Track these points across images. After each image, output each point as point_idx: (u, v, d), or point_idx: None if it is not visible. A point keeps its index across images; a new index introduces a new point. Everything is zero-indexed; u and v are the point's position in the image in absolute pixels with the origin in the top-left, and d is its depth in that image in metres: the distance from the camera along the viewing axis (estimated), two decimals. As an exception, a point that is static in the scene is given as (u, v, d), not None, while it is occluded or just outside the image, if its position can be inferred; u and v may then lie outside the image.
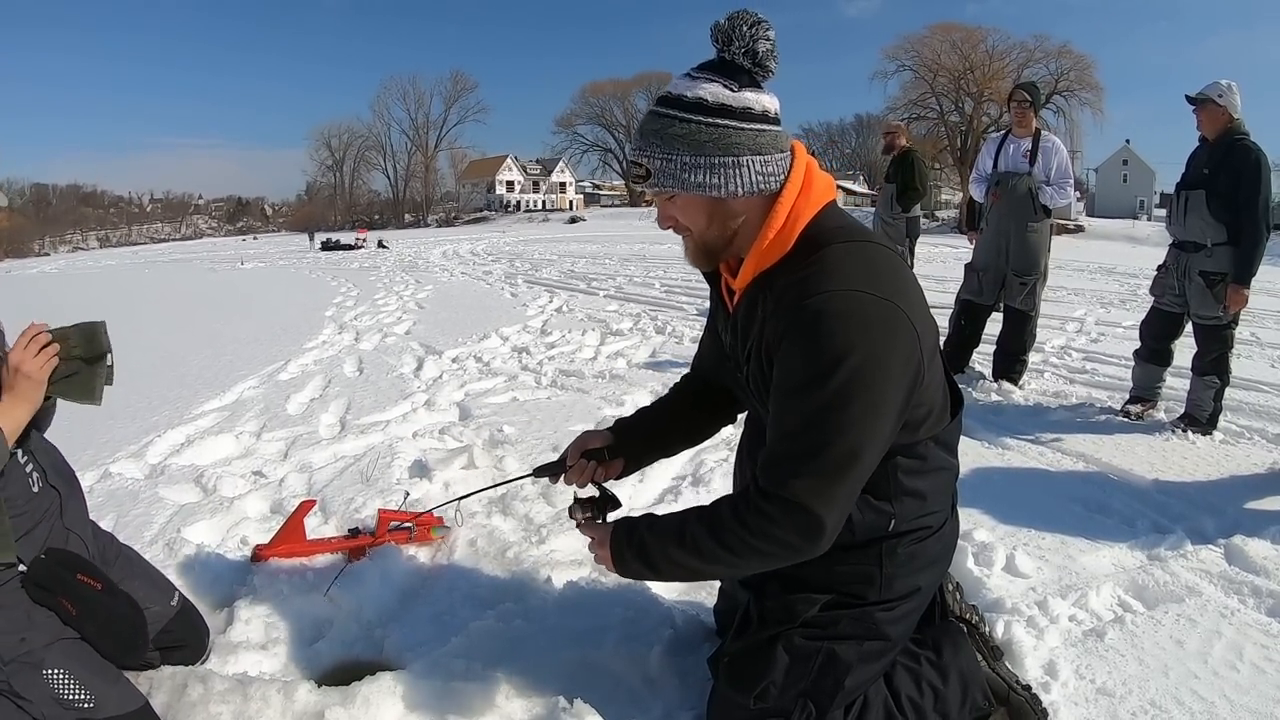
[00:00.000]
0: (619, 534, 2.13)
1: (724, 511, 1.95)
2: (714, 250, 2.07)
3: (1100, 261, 19.30)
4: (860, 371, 1.77)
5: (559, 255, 26.76)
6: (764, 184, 1.94)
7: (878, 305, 1.81)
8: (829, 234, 1.94)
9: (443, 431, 5.49)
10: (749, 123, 1.91)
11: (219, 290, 19.93)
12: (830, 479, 1.83)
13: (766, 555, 1.91)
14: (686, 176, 1.91)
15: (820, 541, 1.88)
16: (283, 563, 3.43)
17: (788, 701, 2.14)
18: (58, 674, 2.22)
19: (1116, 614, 3.07)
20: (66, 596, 2.30)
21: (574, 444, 2.52)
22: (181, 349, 9.62)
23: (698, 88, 1.89)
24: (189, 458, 5.19)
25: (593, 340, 9.23)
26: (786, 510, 1.84)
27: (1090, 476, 4.54)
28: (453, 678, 2.53)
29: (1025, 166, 6.46)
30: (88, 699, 2.24)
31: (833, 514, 1.85)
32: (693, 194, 1.94)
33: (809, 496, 1.82)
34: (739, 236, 2.02)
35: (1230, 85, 5.13)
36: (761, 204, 1.97)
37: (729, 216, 1.99)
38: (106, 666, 2.35)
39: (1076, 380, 6.81)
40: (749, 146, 1.91)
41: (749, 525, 1.88)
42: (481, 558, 3.52)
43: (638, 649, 2.72)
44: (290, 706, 2.40)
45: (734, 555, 1.93)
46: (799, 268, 1.91)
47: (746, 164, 1.91)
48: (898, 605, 2.20)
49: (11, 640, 2.20)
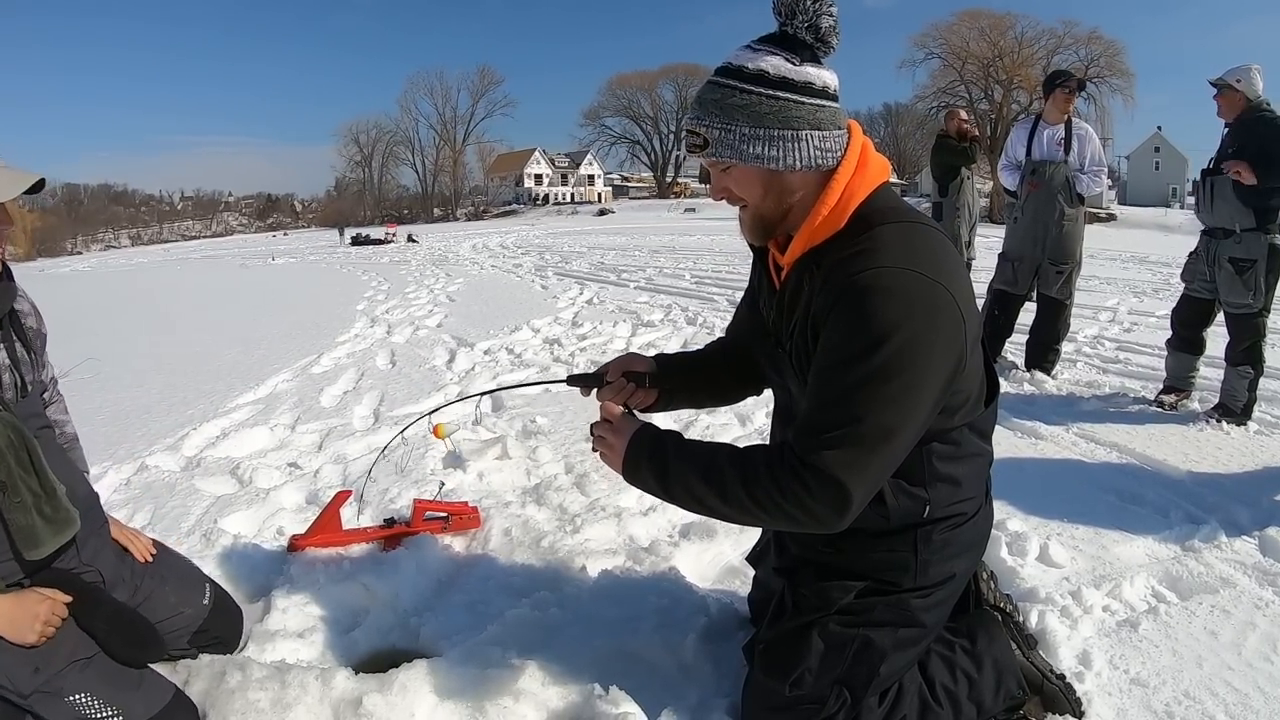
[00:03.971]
0: (641, 441, 2.10)
1: (759, 466, 1.92)
2: (770, 224, 2.05)
3: (1132, 250, 19.05)
4: (904, 350, 1.77)
5: (588, 247, 26.69)
6: (821, 159, 1.94)
7: (928, 286, 1.81)
8: (882, 214, 1.94)
9: (476, 423, 5.51)
10: (809, 97, 1.90)
11: (251, 286, 20.09)
12: (864, 454, 1.81)
13: (790, 518, 1.88)
14: (745, 148, 1.91)
15: (846, 516, 1.85)
16: (319, 552, 3.46)
17: (823, 688, 2.14)
18: (81, 698, 2.21)
19: (1150, 604, 3.05)
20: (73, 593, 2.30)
21: (616, 361, 2.49)
22: (215, 344, 9.71)
23: (759, 59, 1.89)
24: (224, 450, 5.24)
25: (624, 331, 9.23)
26: (821, 481, 1.81)
27: (1124, 467, 4.51)
28: (488, 665, 2.54)
29: (1060, 155, 6.39)
30: (115, 712, 2.24)
31: (861, 490, 1.83)
32: (750, 165, 1.93)
33: (841, 469, 1.80)
34: (793, 211, 2.01)
35: (1251, 69, 5.07)
36: (817, 180, 1.97)
37: (785, 191, 1.98)
38: (127, 673, 2.33)
39: (1109, 370, 6.74)
40: (808, 121, 1.90)
41: (782, 487, 1.85)
42: (516, 547, 3.53)
43: (673, 637, 2.73)
44: (328, 693, 2.42)
45: (760, 509, 1.91)
46: (850, 245, 1.89)
47: (805, 138, 1.91)
48: (933, 592, 2.20)
49: (25, 673, 2.16)
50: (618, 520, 3.77)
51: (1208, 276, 5.36)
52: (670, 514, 3.86)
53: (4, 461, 2.14)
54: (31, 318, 2.50)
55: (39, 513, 2.21)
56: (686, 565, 3.35)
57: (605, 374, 2.47)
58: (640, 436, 2.11)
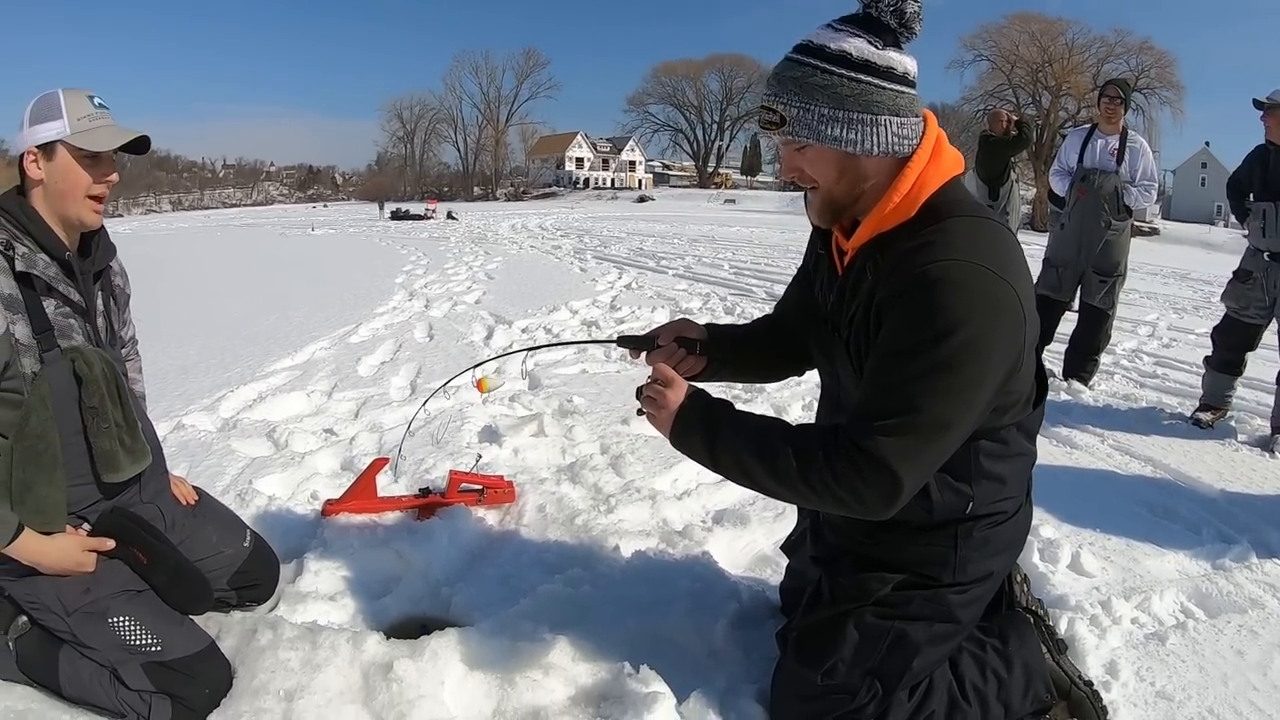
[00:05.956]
0: (693, 407, 2.08)
1: (814, 447, 1.90)
2: (839, 207, 2.03)
3: (1174, 266, 18.87)
4: (969, 345, 1.77)
5: (627, 233, 26.69)
6: (898, 146, 1.93)
7: (996, 283, 1.80)
8: (952, 206, 1.93)
9: (512, 399, 5.53)
10: (890, 82, 1.89)
11: (290, 255, 20.26)
12: (919, 444, 1.81)
13: (839, 502, 1.87)
14: (823, 129, 1.89)
15: (894, 505, 1.85)
16: (353, 518, 3.49)
17: (855, 679, 2.13)
18: (123, 620, 2.32)
19: (1178, 620, 3.03)
20: (138, 546, 2.41)
21: (669, 326, 2.49)
22: (253, 310, 9.80)
23: (842, 41, 1.87)
24: (261, 413, 5.29)
25: (661, 317, 9.16)
26: (874, 467, 1.80)
27: (1157, 481, 4.46)
28: (519, 638, 2.54)
29: (1112, 165, 6.32)
30: (155, 642, 2.32)
31: (912, 479, 1.83)
32: (827, 146, 1.92)
33: (895, 457, 1.79)
34: (864, 197, 1.99)
35: None
36: (891, 167, 1.96)
37: (859, 176, 1.96)
38: (171, 612, 2.44)
39: (1147, 384, 6.67)
40: (888, 106, 1.89)
41: (836, 470, 1.84)
42: (550, 524, 3.54)
43: (703, 621, 2.73)
44: (358, 656, 2.44)
45: (809, 489, 1.90)
46: (918, 235, 1.89)
47: (884, 124, 1.90)
48: (970, 588, 2.19)
49: (75, 591, 2.31)
50: (652, 503, 3.77)
51: (1266, 303, 5.24)
52: (704, 499, 3.87)
53: (99, 389, 2.31)
54: (119, 276, 2.67)
55: (120, 441, 2.38)
56: (719, 551, 3.35)
57: (657, 337, 2.47)
58: (692, 402, 2.09)
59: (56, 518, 2.28)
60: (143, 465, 2.46)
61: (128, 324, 2.77)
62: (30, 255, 2.24)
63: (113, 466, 2.37)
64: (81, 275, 2.38)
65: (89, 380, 2.29)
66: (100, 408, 2.32)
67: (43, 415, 2.22)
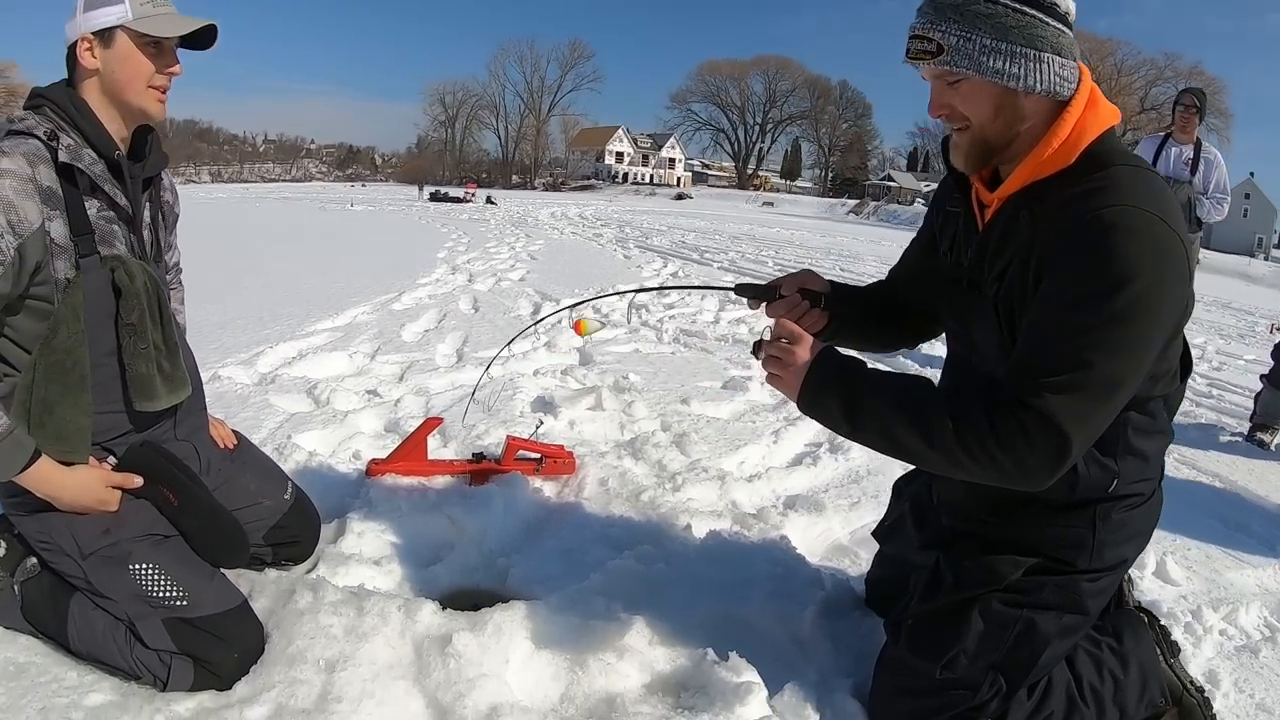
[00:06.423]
0: (828, 365, 1.88)
1: (975, 407, 1.72)
2: (992, 149, 1.87)
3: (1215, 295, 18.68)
4: (1145, 296, 1.64)
5: (668, 227, 26.78)
6: (1060, 86, 1.79)
7: (1168, 234, 1.66)
8: (1114, 154, 1.79)
9: (564, 373, 5.36)
10: (1053, 19, 1.77)
11: (331, 226, 20.32)
12: (1090, 401, 1.67)
13: (998, 468, 1.70)
14: (985, 60, 1.75)
15: (1059, 470, 1.69)
16: (400, 480, 3.27)
17: (977, 673, 1.97)
18: (145, 568, 2.06)
19: (1264, 634, 2.90)
20: (169, 485, 2.16)
21: (792, 276, 2.31)
22: (293, 272, 9.71)
23: None
24: (301, 370, 5.13)
25: (711, 306, 8.97)
26: (1042, 426, 1.65)
27: (1226, 495, 4.34)
28: (590, 615, 2.32)
29: (1186, 174, 6.20)
30: (181, 595, 2.07)
31: (1080, 441, 1.67)
32: (988, 80, 1.77)
33: (1065, 416, 1.64)
34: (1018, 140, 1.84)
35: None
36: (1049, 110, 1.82)
37: (1016, 115, 1.82)
38: (200, 563, 2.19)
39: (1203, 404, 6.49)
40: (1051, 43, 1.76)
41: (999, 432, 1.67)
42: (613, 499, 3.32)
43: (787, 608, 2.53)
44: (411, 626, 2.20)
45: (967, 455, 1.71)
46: (1082, 182, 1.75)
47: (1048, 61, 1.77)
48: (1102, 576, 2.03)
49: (94, 531, 2.06)
50: (720, 483, 3.56)
51: None
52: (774, 483, 3.70)
53: (139, 304, 2.08)
54: (169, 193, 2.44)
55: (159, 366, 2.15)
56: (795, 537, 3.13)
57: (780, 286, 2.28)
58: (825, 360, 1.89)
59: (80, 446, 2.03)
60: (181, 396, 2.23)
61: (173, 248, 2.54)
62: (76, 148, 2.00)
63: (148, 394, 2.13)
64: (131, 180, 2.14)
65: (129, 293, 2.05)
66: (139, 325, 2.08)
67: (74, 328, 1.98)
